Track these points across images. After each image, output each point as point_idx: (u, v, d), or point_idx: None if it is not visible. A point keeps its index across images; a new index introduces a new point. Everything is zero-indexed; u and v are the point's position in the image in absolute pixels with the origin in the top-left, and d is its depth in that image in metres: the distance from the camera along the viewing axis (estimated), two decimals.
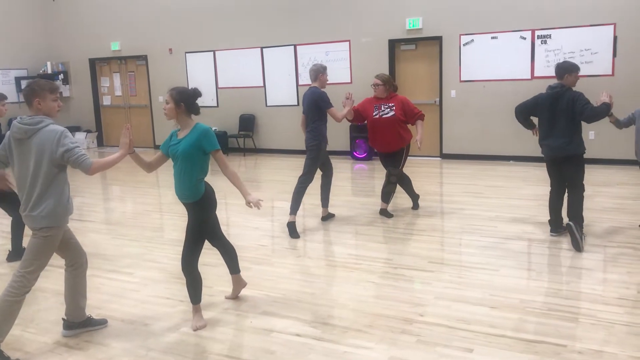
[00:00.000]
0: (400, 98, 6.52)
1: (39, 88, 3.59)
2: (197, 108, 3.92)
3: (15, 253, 5.50)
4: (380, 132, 6.49)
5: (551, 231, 5.78)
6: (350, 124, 10.85)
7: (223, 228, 6.65)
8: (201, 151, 3.83)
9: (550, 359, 3.39)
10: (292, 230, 6.10)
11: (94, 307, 4.29)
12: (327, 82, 6.36)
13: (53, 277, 5.17)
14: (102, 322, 4.09)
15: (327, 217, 6.69)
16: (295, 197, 6.24)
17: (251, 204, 4.01)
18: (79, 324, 3.97)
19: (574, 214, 5.49)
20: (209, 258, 5.42)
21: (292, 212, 6.20)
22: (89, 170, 3.58)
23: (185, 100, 3.85)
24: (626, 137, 8.86)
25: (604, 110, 5.43)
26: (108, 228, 6.97)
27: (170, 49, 13.10)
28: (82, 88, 14.62)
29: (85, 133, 14.40)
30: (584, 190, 5.57)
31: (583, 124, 5.49)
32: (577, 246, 5.25)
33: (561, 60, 9.51)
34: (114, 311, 4.33)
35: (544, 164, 5.96)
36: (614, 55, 9.14)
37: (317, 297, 4.49)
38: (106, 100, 14.61)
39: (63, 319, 3.97)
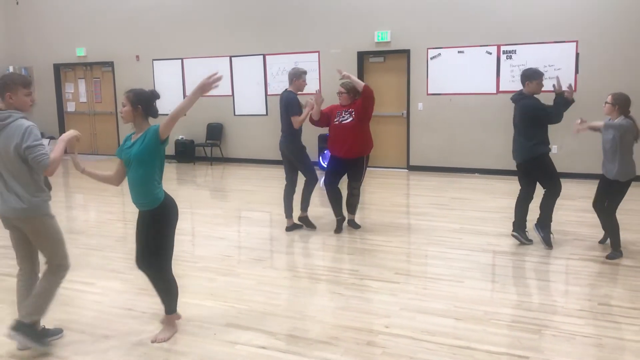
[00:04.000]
0: (358, 101, 6.36)
1: (11, 82, 3.55)
2: (155, 110, 3.81)
3: None
4: (339, 138, 6.38)
5: (512, 230, 5.97)
6: (319, 134, 10.89)
7: (187, 238, 6.60)
8: (155, 150, 3.70)
9: None
10: (308, 224, 6.61)
11: (53, 318, 4.17)
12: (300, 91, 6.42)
13: (9, 287, 5.01)
14: (57, 332, 3.97)
15: (292, 227, 6.65)
16: (304, 196, 6.61)
17: (209, 83, 3.74)
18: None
19: (540, 217, 5.80)
20: (174, 269, 5.34)
21: (303, 209, 6.62)
22: (46, 170, 3.52)
23: (143, 103, 3.74)
24: (588, 151, 9.09)
25: (560, 104, 5.66)
26: (70, 237, 6.75)
27: (137, 56, 12.94)
28: (45, 94, 14.30)
29: (49, 139, 14.04)
30: (555, 192, 5.75)
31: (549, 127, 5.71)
32: (547, 244, 5.71)
33: None
34: (73, 322, 4.21)
35: (508, 177, 6.08)
36: (577, 71, 9.37)
37: (283, 308, 4.45)
38: (70, 107, 14.34)
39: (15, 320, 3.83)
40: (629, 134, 5.29)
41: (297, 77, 6.43)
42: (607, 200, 5.56)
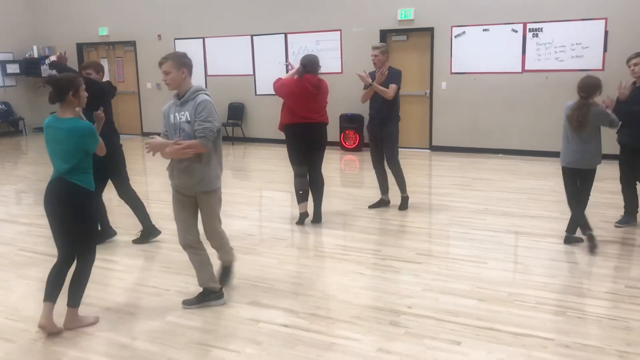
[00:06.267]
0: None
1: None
2: (53, 97, 3.64)
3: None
4: None
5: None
6: (340, 114, 10.83)
7: None
8: None
9: (538, 352, 3.39)
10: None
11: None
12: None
13: (40, 265, 5.10)
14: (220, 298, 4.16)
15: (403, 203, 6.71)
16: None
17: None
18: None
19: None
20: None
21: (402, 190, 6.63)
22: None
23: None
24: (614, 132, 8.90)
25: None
26: None
27: (159, 35, 12.95)
28: None
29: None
30: None
31: None
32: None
33: (552, 54, 9.61)
34: (99, 299, 4.27)
35: (532, 158, 5.97)
36: (605, 50, 9.14)
37: (305, 287, 4.46)
38: None
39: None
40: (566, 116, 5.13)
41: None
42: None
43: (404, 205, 6.62)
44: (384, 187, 6.72)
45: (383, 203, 6.70)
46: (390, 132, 6.50)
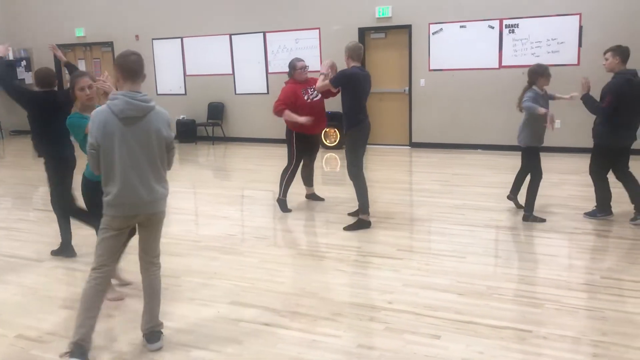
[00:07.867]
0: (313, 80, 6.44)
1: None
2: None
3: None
4: (317, 114, 6.47)
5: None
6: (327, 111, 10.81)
7: (190, 217, 6.61)
8: None
9: (516, 344, 3.44)
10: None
11: (60, 298, 4.20)
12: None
13: (18, 270, 5.05)
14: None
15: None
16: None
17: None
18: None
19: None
20: (177, 248, 5.35)
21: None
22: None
23: None
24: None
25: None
26: None
27: (136, 36, 12.84)
28: None
29: None
30: None
31: None
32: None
33: (528, 50, 9.73)
34: (77, 302, 4.23)
35: (510, 152, 6.06)
36: (580, 45, 9.27)
37: (286, 285, 4.47)
38: None
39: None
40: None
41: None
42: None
43: (353, 226, 5.82)
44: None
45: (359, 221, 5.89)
46: (346, 141, 5.98)
